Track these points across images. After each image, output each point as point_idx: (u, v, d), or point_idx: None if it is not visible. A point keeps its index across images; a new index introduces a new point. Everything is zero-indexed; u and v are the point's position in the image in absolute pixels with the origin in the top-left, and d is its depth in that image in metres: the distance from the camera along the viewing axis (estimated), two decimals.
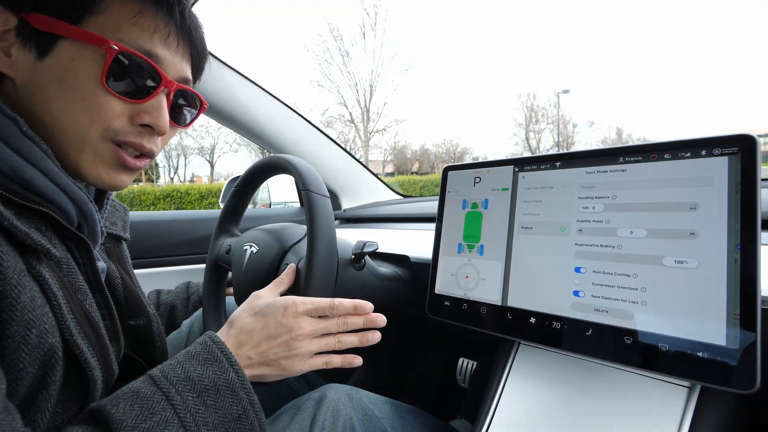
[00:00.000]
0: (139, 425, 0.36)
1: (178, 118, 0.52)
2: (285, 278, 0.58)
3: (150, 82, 0.44)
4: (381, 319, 0.54)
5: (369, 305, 0.53)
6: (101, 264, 0.52)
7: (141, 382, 0.40)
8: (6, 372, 0.33)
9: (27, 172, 0.39)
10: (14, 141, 0.39)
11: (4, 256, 0.34)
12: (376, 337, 0.54)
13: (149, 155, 0.48)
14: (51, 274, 0.38)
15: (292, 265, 0.59)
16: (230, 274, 0.78)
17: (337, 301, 0.51)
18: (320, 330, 0.50)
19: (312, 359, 0.50)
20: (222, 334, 0.48)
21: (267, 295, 0.54)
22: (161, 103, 0.46)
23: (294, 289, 0.61)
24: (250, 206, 0.86)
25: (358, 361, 0.53)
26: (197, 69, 0.52)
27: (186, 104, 0.52)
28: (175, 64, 0.46)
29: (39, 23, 0.40)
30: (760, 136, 0.47)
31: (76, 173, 0.45)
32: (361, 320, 0.52)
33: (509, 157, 0.66)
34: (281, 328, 0.48)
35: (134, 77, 0.43)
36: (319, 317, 0.51)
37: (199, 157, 26.85)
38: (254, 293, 0.54)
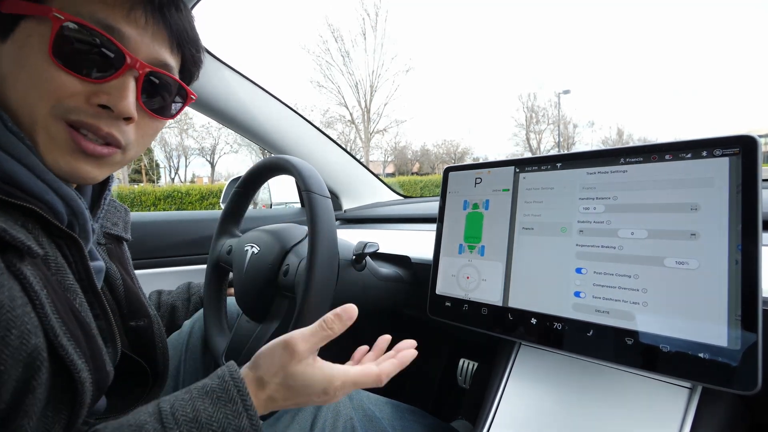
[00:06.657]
0: None
1: (160, 109, 0.47)
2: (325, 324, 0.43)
3: (111, 60, 0.40)
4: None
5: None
6: (99, 263, 0.51)
7: (148, 415, 0.37)
8: None
9: (11, 167, 0.38)
10: None
11: None
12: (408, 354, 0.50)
13: (114, 143, 0.43)
14: (34, 272, 0.37)
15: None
16: (231, 274, 0.78)
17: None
18: (350, 383, 0.43)
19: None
20: (245, 370, 0.42)
21: (300, 358, 0.41)
22: (125, 84, 0.41)
23: (293, 291, 0.61)
24: (250, 207, 0.86)
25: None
26: (184, 57, 0.48)
27: (167, 92, 0.47)
28: (146, 44, 0.42)
29: (7, 7, 0.39)
30: (761, 136, 0.47)
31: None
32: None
33: (510, 158, 0.66)
34: (315, 397, 0.42)
35: (90, 52, 0.39)
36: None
37: (199, 158, 26.84)
38: (284, 342, 0.41)
